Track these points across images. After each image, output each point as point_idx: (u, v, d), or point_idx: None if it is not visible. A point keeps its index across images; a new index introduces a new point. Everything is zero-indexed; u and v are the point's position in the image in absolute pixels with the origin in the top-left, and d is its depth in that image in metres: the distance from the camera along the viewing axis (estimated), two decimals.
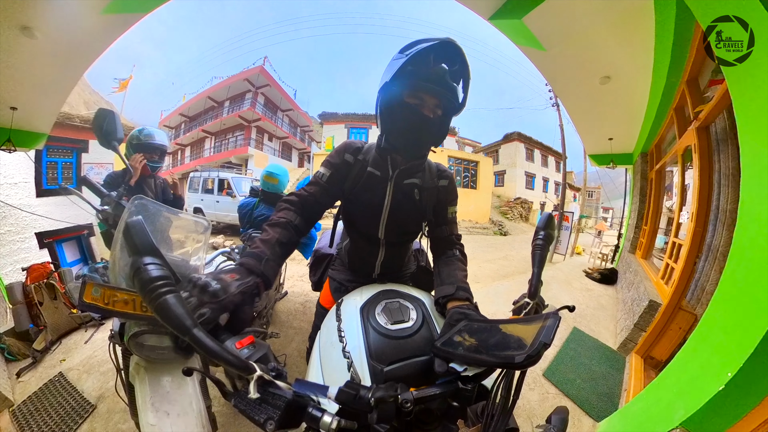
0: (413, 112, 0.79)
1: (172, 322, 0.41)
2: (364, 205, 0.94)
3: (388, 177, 0.91)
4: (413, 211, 0.96)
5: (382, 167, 0.91)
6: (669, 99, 2.79)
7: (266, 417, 0.38)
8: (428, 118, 0.80)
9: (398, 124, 0.82)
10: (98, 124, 1.27)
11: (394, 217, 0.94)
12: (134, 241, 0.46)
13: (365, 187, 0.92)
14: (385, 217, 0.94)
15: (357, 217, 0.97)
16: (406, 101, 0.79)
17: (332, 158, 0.93)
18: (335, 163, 0.92)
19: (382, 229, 0.95)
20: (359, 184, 0.92)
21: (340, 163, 0.91)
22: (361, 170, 0.91)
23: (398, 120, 0.82)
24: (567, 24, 2.27)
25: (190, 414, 0.90)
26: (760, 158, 0.99)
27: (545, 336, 0.40)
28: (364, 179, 0.91)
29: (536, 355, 0.39)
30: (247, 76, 16.17)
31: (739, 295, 1.02)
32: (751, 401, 0.92)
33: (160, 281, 0.43)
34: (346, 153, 0.92)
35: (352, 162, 0.92)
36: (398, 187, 0.91)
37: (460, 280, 0.87)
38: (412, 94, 0.79)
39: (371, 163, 0.91)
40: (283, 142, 19.89)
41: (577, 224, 8.62)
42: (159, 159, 1.93)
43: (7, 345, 2.09)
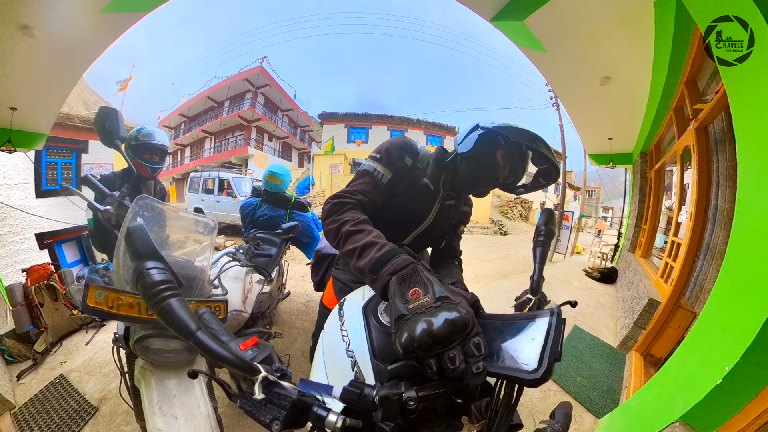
0: (493, 168, 0.86)
1: (176, 326, 0.41)
2: (404, 213, 0.90)
3: (438, 194, 0.92)
4: (444, 229, 1.01)
5: (435, 183, 0.91)
6: (668, 99, 2.80)
7: (272, 417, 0.38)
8: (496, 180, 0.88)
9: (477, 165, 0.86)
10: (100, 122, 1.25)
11: (428, 232, 0.95)
12: (136, 245, 0.46)
13: (414, 197, 0.89)
14: (420, 230, 0.94)
15: (387, 223, 0.87)
16: (497, 157, 0.85)
17: (392, 157, 0.84)
18: (396, 164, 0.85)
19: (411, 239, 0.96)
20: (411, 192, 0.88)
21: (400, 165, 0.85)
22: (416, 178, 0.89)
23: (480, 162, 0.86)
24: (568, 25, 2.27)
25: (199, 417, 0.90)
26: (756, 158, 1.00)
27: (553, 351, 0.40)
28: (417, 189, 0.89)
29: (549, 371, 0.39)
30: (246, 76, 16.15)
31: (736, 292, 1.04)
32: (748, 394, 0.94)
33: (162, 285, 0.43)
34: (407, 156, 0.86)
35: (410, 166, 0.87)
36: (442, 207, 0.94)
37: (457, 277, 0.94)
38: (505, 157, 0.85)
39: (428, 175, 0.90)
40: (283, 142, 19.87)
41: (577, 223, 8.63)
42: (159, 160, 1.86)
43: (8, 347, 2.09)
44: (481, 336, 0.43)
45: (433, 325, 0.41)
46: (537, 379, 0.39)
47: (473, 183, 0.90)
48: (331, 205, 0.76)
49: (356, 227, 0.68)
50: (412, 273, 0.52)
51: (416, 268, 0.53)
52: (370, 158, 0.85)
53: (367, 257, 0.60)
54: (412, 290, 0.48)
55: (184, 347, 0.93)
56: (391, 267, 0.54)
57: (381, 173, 0.82)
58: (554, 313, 0.44)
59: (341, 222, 0.70)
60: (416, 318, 0.43)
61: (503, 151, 0.84)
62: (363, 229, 0.67)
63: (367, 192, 0.80)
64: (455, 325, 0.41)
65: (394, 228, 0.91)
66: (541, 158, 0.85)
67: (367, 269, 0.58)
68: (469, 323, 0.42)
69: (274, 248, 1.93)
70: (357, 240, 0.64)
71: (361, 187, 0.81)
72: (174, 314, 0.41)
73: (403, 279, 0.51)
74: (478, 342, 0.42)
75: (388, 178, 0.83)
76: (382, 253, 0.58)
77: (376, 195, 0.82)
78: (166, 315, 0.41)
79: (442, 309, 0.43)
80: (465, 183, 0.90)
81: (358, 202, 0.78)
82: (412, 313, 0.44)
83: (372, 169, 0.83)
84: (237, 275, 1.41)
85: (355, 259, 0.62)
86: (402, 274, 0.52)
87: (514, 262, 6.42)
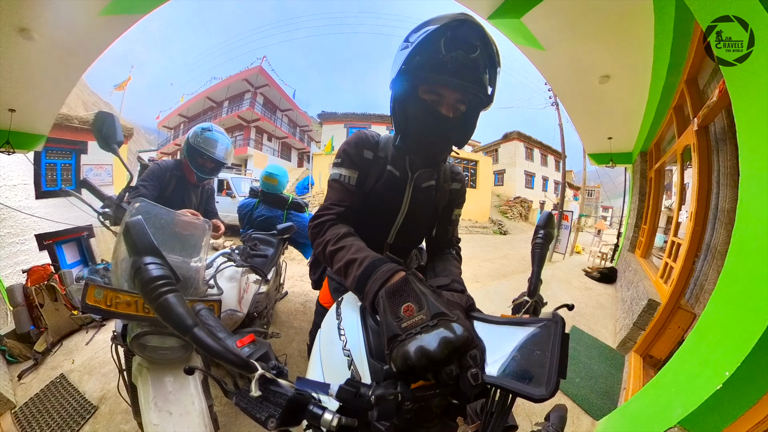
0: (429, 111, 0.68)
1: (173, 322, 0.41)
2: (378, 208, 0.84)
3: (407, 178, 0.82)
4: (428, 217, 0.90)
5: (401, 167, 0.81)
6: (668, 98, 2.80)
7: (267, 415, 0.38)
8: (447, 117, 0.68)
9: (413, 125, 0.72)
10: (98, 127, 1.27)
11: (409, 223, 0.87)
12: (134, 241, 0.46)
13: (384, 190, 0.82)
14: (399, 223, 0.86)
15: (366, 223, 0.83)
16: (422, 97, 0.68)
17: (351, 156, 0.80)
18: (358, 162, 0.80)
19: (393, 235, 0.88)
20: (378, 185, 0.81)
21: (360, 161, 0.80)
22: (381, 169, 0.81)
23: (413, 120, 0.71)
24: (566, 23, 2.27)
25: (193, 413, 0.91)
26: (758, 158, 0.99)
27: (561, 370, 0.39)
28: (384, 179, 0.81)
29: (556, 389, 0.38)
30: (245, 76, 16.18)
31: (738, 295, 1.03)
32: (749, 400, 0.92)
33: (160, 281, 0.43)
34: (365, 149, 0.80)
35: (372, 159, 0.81)
36: (416, 191, 0.83)
37: (454, 273, 0.85)
38: (428, 89, 0.67)
39: (390, 161, 0.81)
40: (283, 142, 19.89)
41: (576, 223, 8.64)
42: (211, 171, 1.70)
43: (9, 347, 2.09)
44: (478, 349, 0.42)
45: (431, 347, 0.39)
46: (545, 398, 0.38)
47: (428, 143, 0.73)
48: (312, 228, 0.75)
49: (337, 245, 0.66)
50: (404, 285, 0.48)
51: (407, 278, 0.49)
52: (333, 165, 0.82)
53: (350, 277, 0.58)
54: (405, 305, 0.45)
55: (180, 345, 0.94)
56: (376, 281, 0.52)
57: (347, 176, 0.79)
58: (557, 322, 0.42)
59: (324, 243, 0.69)
60: (411, 339, 0.41)
61: (422, 87, 0.68)
62: (343, 246, 0.65)
63: (341, 201, 0.78)
64: (454, 345, 0.40)
65: (374, 228, 0.86)
66: (455, 45, 0.62)
67: (353, 289, 0.57)
68: (468, 341, 0.41)
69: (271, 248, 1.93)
70: (340, 259, 0.63)
71: (334, 198, 0.78)
72: (171, 310, 0.41)
73: (393, 293, 0.48)
74: (475, 354, 0.41)
75: (355, 178, 0.79)
76: (363, 269, 0.56)
77: (351, 199, 0.79)
78: (163, 310, 0.41)
79: (440, 327, 0.41)
80: (423, 151, 0.77)
81: (335, 215, 0.75)
82: (407, 334, 0.42)
83: (338, 176, 0.80)
84: (233, 275, 1.41)
85: (344, 278, 0.61)
86: (391, 286, 0.49)
87: (514, 262, 6.42)
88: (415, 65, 0.65)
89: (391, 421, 0.43)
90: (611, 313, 3.38)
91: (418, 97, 0.69)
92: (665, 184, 4.12)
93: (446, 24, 0.59)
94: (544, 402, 0.39)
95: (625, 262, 4.40)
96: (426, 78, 0.66)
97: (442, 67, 0.63)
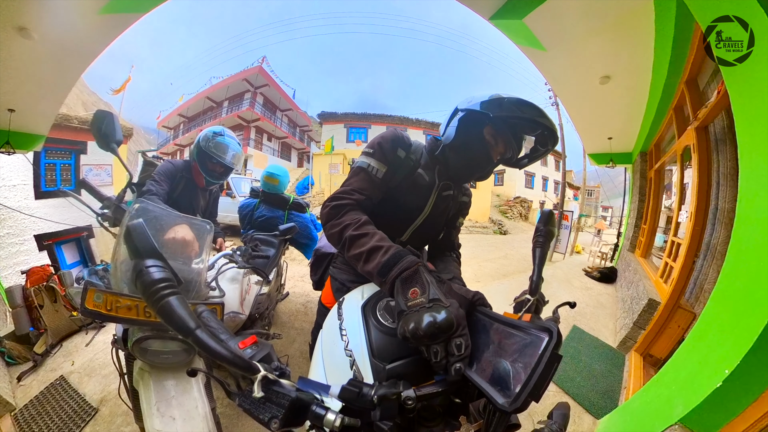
0: (484, 149, 0.81)
1: (175, 324, 0.41)
2: (400, 207, 0.88)
3: (434, 185, 0.89)
4: (442, 223, 0.99)
5: (430, 173, 0.88)
6: (668, 98, 2.80)
7: (270, 416, 0.39)
8: (491, 160, 0.83)
9: (465, 149, 0.83)
10: (97, 126, 1.26)
11: (426, 224, 0.92)
12: (136, 244, 0.46)
13: (410, 189, 0.87)
14: (418, 224, 0.91)
15: (383, 218, 0.85)
16: (485, 135, 0.81)
17: (386, 151, 0.83)
18: (390, 158, 0.83)
19: (409, 234, 0.93)
20: (406, 184, 0.86)
21: (393, 157, 0.84)
22: (411, 170, 0.86)
23: (468, 146, 0.82)
24: (567, 24, 2.27)
25: (196, 418, 0.90)
26: (758, 158, 1.00)
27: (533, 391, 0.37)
28: (412, 180, 0.87)
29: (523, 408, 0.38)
30: (245, 76, 16.16)
31: (737, 293, 1.03)
32: (749, 398, 0.93)
33: (162, 283, 0.43)
34: (400, 148, 0.85)
35: (404, 158, 0.85)
36: (439, 198, 0.91)
37: (455, 272, 0.93)
38: (494, 135, 0.80)
39: (422, 166, 0.88)
40: (283, 142, 19.88)
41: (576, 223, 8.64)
42: (220, 176, 1.69)
43: (8, 349, 2.08)
44: (464, 338, 0.47)
45: (421, 323, 0.46)
46: (506, 411, 0.39)
47: (468, 170, 0.86)
48: (330, 208, 0.75)
49: (359, 231, 0.68)
50: (414, 273, 0.56)
51: (419, 269, 0.57)
52: (363, 154, 0.84)
53: (374, 261, 0.62)
54: (412, 290, 0.53)
55: (182, 348, 0.93)
56: (398, 270, 0.58)
57: (375, 168, 0.81)
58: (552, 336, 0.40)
59: (343, 226, 0.70)
60: (411, 314, 0.49)
61: (489, 128, 0.80)
62: (366, 233, 0.67)
63: (363, 189, 0.79)
64: (439, 326, 0.46)
65: (391, 224, 0.88)
66: (531, 125, 0.77)
67: (375, 273, 0.61)
68: (453, 325, 0.46)
69: (272, 249, 1.93)
70: (362, 244, 0.65)
71: (357, 185, 0.80)
72: (173, 312, 0.41)
73: (405, 279, 0.56)
74: (460, 343, 0.46)
75: (383, 173, 0.82)
76: (389, 257, 0.61)
77: (373, 191, 0.81)
78: (165, 313, 0.41)
79: (432, 310, 0.48)
80: (459, 172, 0.87)
81: (356, 201, 0.77)
82: (410, 310, 0.50)
83: (366, 165, 0.82)
84: (234, 277, 1.41)
85: (362, 263, 0.64)
86: (405, 274, 0.57)
87: (514, 261, 6.42)
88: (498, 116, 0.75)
89: (394, 420, 0.43)
90: (611, 313, 3.39)
91: (482, 133, 0.81)
92: (665, 184, 4.13)
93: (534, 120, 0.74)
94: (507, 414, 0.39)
95: (625, 262, 4.41)
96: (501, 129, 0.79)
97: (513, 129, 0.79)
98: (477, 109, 0.76)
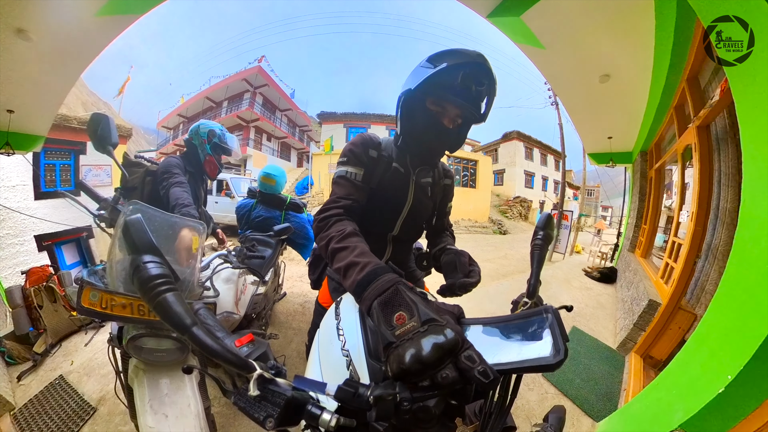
0: (433, 120, 0.80)
1: (172, 320, 0.41)
2: (385, 202, 0.91)
3: (410, 174, 0.92)
4: (428, 209, 1.01)
5: (404, 164, 0.91)
6: (669, 98, 2.79)
7: (266, 415, 0.38)
8: (447, 128, 0.82)
9: (417, 129, 0.84)
10: (93, 129, 1.28)
11: (413, 214, 0.95)
12: (133, 239, 0.46)
13: (390, 184, 0.90)
14: (404, 215, 0.94)
15: (372, 215, 0.90)
16: (428, 107, 0.80)
17: (357, 155, 0.86)
18: (364, 160, 0.87)
19: (398, 227, 0.95)
20: (385, 180, 0.89)
21: (367, 159, 0.87)
22: (386, 166, 0.90)
23: (418, 125, 0.83)
24: (566, 22, 2.26)
25: (189, 416, 0.91)
26: (761, 158, 0.98)
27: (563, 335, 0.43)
28: (390, 175, 0.89)
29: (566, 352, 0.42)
30: (245, 76, 16.17)
31: (740, 297, 1.01)
32: (751, 404, 0.91)
33: (159, 279, 0.43)
34: (370, 148, 0.88)
35: (377, 157, 0.89)
36: (418, 186, 0.93)
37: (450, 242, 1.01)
38: (435, 102, 0.80)
39: (396, 159, 0.90)
40: (282, 142, 19.88)
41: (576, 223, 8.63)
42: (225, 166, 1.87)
43: (8, 348, 2.09)
44: (471, 349, 0.42)
45: (423, 351, 0.40)
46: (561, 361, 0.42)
47: (429, 146, 0.87)
48: (317, 222, 0.77)
49: (340, 243, 0.68)
50: (394, 295, 0.50)
51: (398, 289, 0.51)
52: (338, 164, 0.87)
53: (350, 278, 0.59)
54: (397, 314, 0.47)
55: (177, 347, 0.94)
56: (373, 291, 0.53)
57: (353, 173, 0.84)
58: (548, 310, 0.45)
59: (328, 239, 0.71)
60: (404, 345, 0.42)
61: (429, 100, 0.80)
62: (347, 246, 0.66)
63: (348, 194, 0.82)
64: (444, 349, 0.40)
65: (380, 221, 0.93)
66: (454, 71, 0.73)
67: (351, 291, 0.59)
68: (458, 344, 0.41)
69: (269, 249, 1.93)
70: (342, 258, 0.65)
71: (342, 192, 0.82)
72: (170, 309, 0.41)
73: (385, 303, 0.50)
74: (470, 355, 0.41)
75: (362, 175, 0.85)
76: (363, 275, 0.57)
77: (358, 194, 0.84)
78: (161, 309, 0.41)
79: (430, 333, 0.42)
80: (423, 152, 0.89)
81: (342, 208, 0.79)
82: (400, 340, 0.43)
83: (344, 172, 0.85)
84: (229, 277, 1.41)
85: (342, 278, 0.63)
86: (384, 297, 0.51)
87: (513, 261, 6.42)
88: (432, 82, 0.74)
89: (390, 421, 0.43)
90: (611, 314, 3.38)
91: (426, 107, 0.80)
92: (665, 184, 4.12)
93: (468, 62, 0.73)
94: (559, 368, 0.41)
95: (625, 262, 4.40)
96: (438, 94, 0.77)
97: (452, 89, 0.75)
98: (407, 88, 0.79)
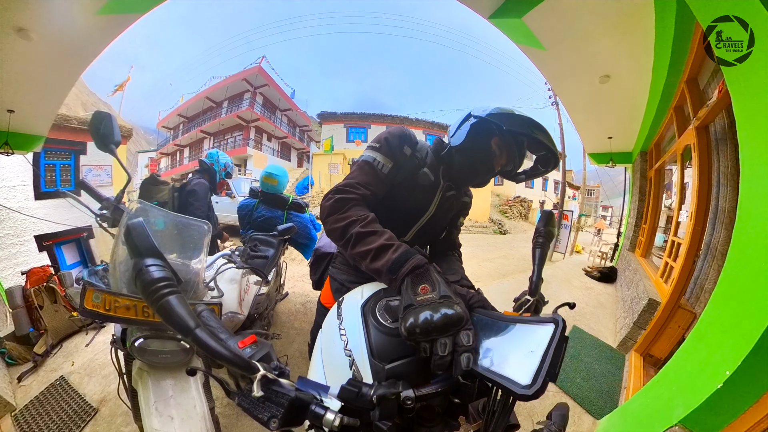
0: (488, 157, 0.83)
1: (175, 323, 0.41)
2: (404, 205, 0.88)
3: (438, 185, 0.89)
4: (444, 223, 1.00)
5: (434, 173, 0.88)
6: (668, 98, 2.80)
7: (270, 415, 0.38)
8: (493, 169, 0.86)
9: (471, 154, 0.85)
10: (95, 127, 1.27)
11: (430, 224, 0.93)
12: (136, 243, 0.46)
13: (414, 188, 0.86)
14: (422, 223, 0.92)
15: (387, 216, 0.83)
16: (491, 144, 0.82)
17: (392, 147, 0.81)
18: (397, 154, 0.82)
19: (413, 233, 0.93)
20: (411, 182, 0.86)
21: (399, 154, 0.82)
22: (415, 168, 0.86)
23: (475, 152, 0.84)
24: (567, 23, 2.27)
25: (194, 417, 0.91)
26: (759, 158, 0.99)
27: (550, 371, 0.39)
28: (417, 179, 0.86)
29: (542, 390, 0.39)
30: (245, 76, 16.16)
31: (738, 294, 1.02)
32: (749, 399, 0.93)
33: (162, 282, 0.43)
34: (406, 145, 0.83)
35: (409, 156, 0.84)
36: (443, 198, 0.92)
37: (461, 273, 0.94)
38: (500, 145, 0.83)
39: (428, 165, 0.88)
40: (282, 142, 19.87)
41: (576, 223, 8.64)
42: None
43: (8, 349, 2.09)
44: (471, 331, 0.48)
45: (434, 316, 0.48)
46: (527, 396, 0.39)
47: (470, 174, 0.89)
48: (333, 201, 0.73)
49: (367, 228, 0.67)
50: (425, 272, 0.58)
51: (429, 268, 0.59)
52: (369, 148, 0.83)
53: (383, 259, 0.62)
54: (422, 286, 0.55)
55: (181, 348, 0.93)
56: (409, 267, 0.59)
57: (381, 163, 0.80)
58: (558, 324, 0.44)
59: (348, 222, 0.68)
60: (421, 308, 0.50)
61: (498, 139, 0.82)
62: (375, 231, 0.67)
63: (368, 184, 0.78)
64: (451, 319, 0.47)
65: (394, 223, 0.84)
66: (537, 145, 0.81)
67: (385, 269, 0.61)
68: (463, 319, 0.48)
69: (272, 249, 1.93)
70: (370, 242, 0.65)
71: (362, 179, 0.78)
72: (173, 312, 0.41)
73: (416, 276, 0.57)
74: (468, 335, 0.48)
75: (389, 168, 0.81)
76: (399, 254, 0.62)
77: (378, 186, 0.80)
78: (165, 312, 0.41)
79: (444, 305, 0.49)
80: (462, 175, 0.89)
81: (360, 196, 0.75)
82: (419, 304, 0.51)
83: (372, 159, 0.80)
84: (233, 277, 1.41)
85: (369, 261, 0.64)
86: (417, 272, 0.58)
87: (514, 261, 6.42)
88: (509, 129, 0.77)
89: (393, 420, 0.43)
90: (611, 313, 3.39)
91: (489, 141, 0.83)
92: (665, 184, 4.13)
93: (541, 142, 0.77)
94: (527, 400, 0.39)
95: (625, 262, 4.41)
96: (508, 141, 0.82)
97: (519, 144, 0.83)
98: (491, 118, 0.77)
